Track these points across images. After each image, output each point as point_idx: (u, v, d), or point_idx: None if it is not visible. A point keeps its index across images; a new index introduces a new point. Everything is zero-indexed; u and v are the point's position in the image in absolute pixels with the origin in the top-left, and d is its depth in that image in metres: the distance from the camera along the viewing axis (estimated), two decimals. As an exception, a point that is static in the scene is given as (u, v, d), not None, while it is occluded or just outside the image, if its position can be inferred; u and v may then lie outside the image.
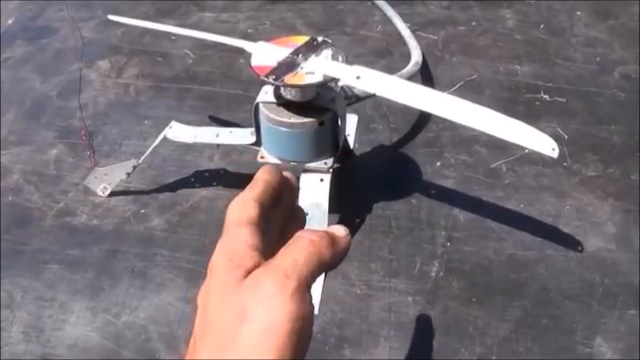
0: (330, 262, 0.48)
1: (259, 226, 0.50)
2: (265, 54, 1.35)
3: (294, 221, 0.60)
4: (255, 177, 0.55)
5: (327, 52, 1.35)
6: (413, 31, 2.19)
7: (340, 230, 0.51)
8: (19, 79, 2.24)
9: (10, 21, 2.60)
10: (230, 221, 0.50)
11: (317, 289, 1.33)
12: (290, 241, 0.48)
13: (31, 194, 1.77)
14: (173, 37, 1.90)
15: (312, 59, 1.32)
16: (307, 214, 1.31)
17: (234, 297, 0.44)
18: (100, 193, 1.72)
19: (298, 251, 0.46)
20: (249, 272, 0.45)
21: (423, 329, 1.40)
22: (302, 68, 1.30)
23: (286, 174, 0.58)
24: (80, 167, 1.84)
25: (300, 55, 1.33)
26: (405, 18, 2.28)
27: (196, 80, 2.14)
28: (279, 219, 0.56)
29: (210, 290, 0.46)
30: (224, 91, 2.06)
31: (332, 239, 0.49)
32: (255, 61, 1.33)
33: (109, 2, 2.68)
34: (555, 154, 1.18)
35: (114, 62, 2.27)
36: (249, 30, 2.38)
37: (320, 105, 1.40)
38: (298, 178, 1.45)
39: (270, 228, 0.53)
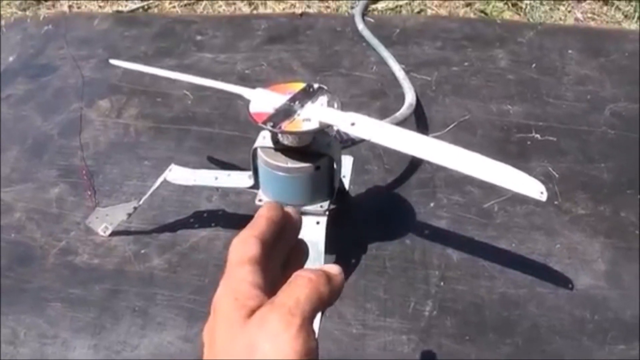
0: (328, 299, 0.50)
1: (260, 264, 0.51)
2: (263, 101, 1.38)
3: (297, 254, 0.61)
4: (257, 214, 0.56)
5: (323, 99, 1.38)
6: (407, 72, 2.21)
7: (334, 269, 0.52)
8: (20, 116, 2.26)
9: (11, 58, 2.63)
10: (232, 260, 0.51)
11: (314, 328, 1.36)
12: (290, 280, 0.49)
13: (33, 232, 1.79)
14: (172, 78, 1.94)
15: (309, 105, 1.35)
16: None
17: (241, 334, 0.45)
18: (101, 233, 1.75)
19: (299, 289, 0.47)
20: (253, 311, 0.46)
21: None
22: (298, 115, 1.33)
23: (288, 209, 0.59)
24: (82, 206, 1.86)
25: (297, 102, 1.36)
26: (399, 59, 2.31)
27: (195, 121, 2.16)
28: (282, 254, 0.57)
29: (217, 328, 0.47)
30: (222, 132, 2.09)
31: (328, 277, 0.50)
32: (253, 108, 1.37)
33: (109, 40, 2.71)
34: (543, 197, 1.21)
35: (114, 101, 2.29)
36: (247, 71, 2.41)
37: (316, 150, 1.43)
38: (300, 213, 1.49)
39: (273, 263, 0.54)
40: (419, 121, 2.08)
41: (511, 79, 2.32)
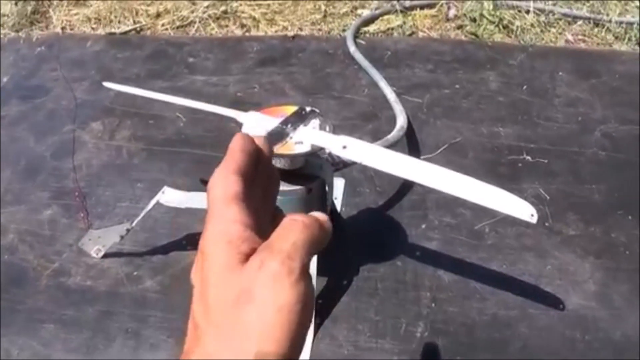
0: (321, 244, 0.49)
1: (245, 201, 0.49)
2: (255, 124, 1.39)
3: (273, 182, 0.61)
4: (231, 147, 0.54)
5: (314, 122, 1.39)
6: (399, 94, 2.23)
7: (322, 215, 0.51)
8: (14, 138, 2.27)
9: (4, 79, 2.64)
10: (216, 197, 0.49)
11: (305, 349, 1.37)
12: (284, 224, 0.47)
13: (26, 254, 1.80)
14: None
15: (301, 128, 1.36)
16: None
17: (237, 279, 0.44)
18: (94, 255, 1.75)
19: (296, 234, 0.46)
20: (248, 255, 0.45)
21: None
22: (291, 138, 1.34)
23: (258, 139, 0.57)
24: (74, 228, 1.87)
25: (289, 125, 1.37)
26: (391, 82, 2.32)
27: (188, 143, 2.17)
28: (261, 185, 0.56)
29: (209, 273, 0.45)
30: (215, 155, 2.09)
31: (320, 223, 0.49)
32: (245, 131, 1.38)
33: (102, 62, 2.72)
34: (534, 219, 1.22)
35: (107, 123, 2.30)
36: (239, 94, 2.42)
37: (308, 172, 1.44)
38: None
39: (254, 197, 0.52)
40: (411, 144, 2.09)
41: (502, 101, 2.34)
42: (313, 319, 1.46)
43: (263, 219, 0.53)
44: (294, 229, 0.47)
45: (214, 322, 0.44)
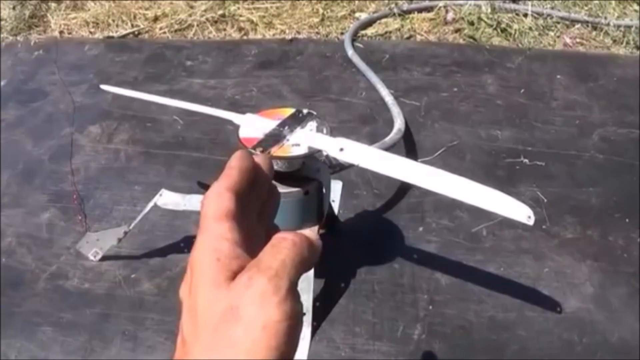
0: (310, 263, 0.49)
1: (237, 219, 0.49)
2: (252, 126, 1.39)
3: (271, 199, 0.60)
4: (228, 164, 0.54)
5: (312, 124, 1.39)
6: (396, 97, 2.24)
7: (312, 234, 0.51)
8: (11, 141, 2.27)
9: (2, 83, 2.64)
10: (208, 214, 0.49)
11: (303, 351, 1.37)
12: (274, 242, 0.48)
13: (24, 257, 1.79)
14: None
15: (298, 131, 1.36)
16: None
17: (225, 296, 0.44)
18: (91, 257, 1.75)
19: (285, 252, 0.46)
20: (236, 272, 0.45)
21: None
22: (288, 140, 1.34)
23: (257, 158, 0.56)
24: (72, 230, 1.87)
25: (286, 128, 1.37)
26: (388, 84, 2.33)
27: (185, 146, 2.17)
28: (256, 204, 0.56)
29: (198, 289, 0.46)
30: (212, 157, 2.10)
31: (309, 241, 0.49)
32: (243, 133, 1.37)
33: (100, 66, 2.73)
34: (531, 221, 1.21)
35: (105, 127, 2.30)
36: (237, 97, 2.43)
37: (305, 175, 1.44)
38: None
39: (248, 216, 0.52)
40: (408, 146, 2.09)
41: (500, 104, 2.34)
42: (311, 329, 1.46)
43: (256, 237, 0.53)
44: (283, 247, 0.47)
45: (201, 339, 0.44)
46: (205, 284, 0.45)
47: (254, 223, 0.54)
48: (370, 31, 2.88)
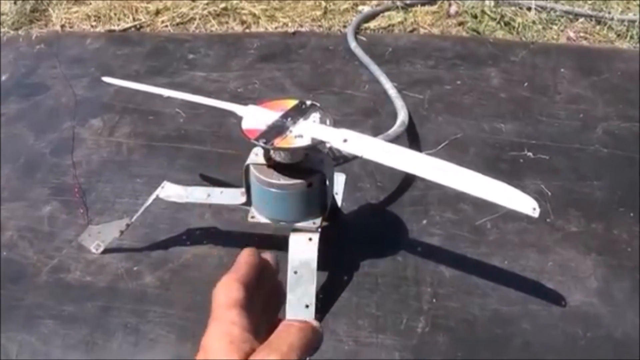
0: (314, 346, 0.52)
1: (245, 308, 0.53)
2: (255, 118, 1.38)
3: (276, 296, 0.64)
4: (238, 260, 0.58)
5: (315, 116, 1.38)
6: (399, 90, 2.23)
7: (315, 322, 0.55)
8: (13, 135, 2.26)
9: (4, 77, 2.63)
10: (219, 302, 0.53)
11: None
12: (282, 327, 0.52)
13: (25, 250, 1.79)
14: (165, 96, 1.93)
15: (301, 122, 1.36)
16: (296, 273, 1.35)
17: None
18: (93, 250, 1.74)
19: (292, 336, 0.50)
20: (248, 353, 0.48)
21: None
22: (291, 131, 1.33)
23: (265, 255, 0.61)
24: (74, 224, 1.86)
25: (289, 119, 1.36)
26: (392, 77, 2.32)
27: (187, 139, 2.16)
28: (262, 297, 0.59)
29: None
30: (214, 150, 2.09)
31: (313, 328, 0.53)
32: (245, 124, 1.37)
33: (102, 59, 2.72)
34: (536, 213, 1.21)
35: (107, 120, 2.29)
36: (239, 90, 2.42)
37: (308, 167, 1.43)
38: (286, 238, 1.48)
39: (254, 307, 0.55)
40: (412, 139, 2.08)
41: (503, 98, 2.33)
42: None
43: (261, 326, 0.56)
44: (290, 332, 0.51)
45: None
46: None
47: (260, 313, 0.57)
48: (373, 24, 2.87)
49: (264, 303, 0.59)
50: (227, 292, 0.54)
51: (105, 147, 2.16)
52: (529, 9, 2.89)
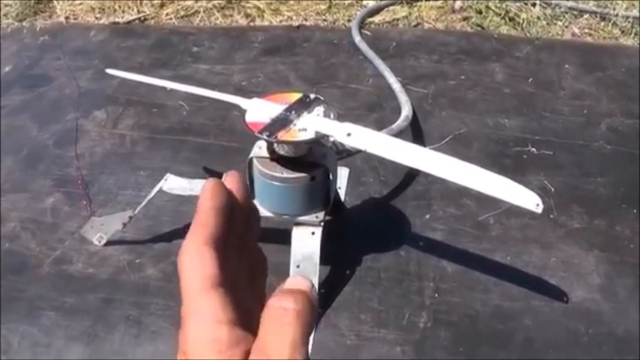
0: (313, 323, 0.41)
1: (226, 282, 0.41)
2: (259, 111, 1.38)
3: (252, 221, 0.51)
4: (199, 206, 0.45)
5: (319, 109, 1.38)
6: (404, 85, 2.23)
7: (305, 284, 0.42)
8: (16, 126, 2.26)
9: (7, 68, 2.63)
10: (190, 286, 0.41)
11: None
12: (274, 315, 0.40)
13: (28, 242, 1.79)
14: (168, 88, 1.92)
15: (305, 116, 1.35)
16: (298, 267, 1.34)
17: None
18: (96, 242, 1.75)
19: (292, 330, 0.39)
20: (244, 358, 0.39)
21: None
22: (294, 125, 1.33)
23: (231, 180, 0.48)
24: (76, 215, 1.86)
25: (293, 112, 1.36)
26: (396, 72, 2.32)
27: (191, 131, 2.17)
28: (238, 233, 0.47)
29: None
30: (218, 143, 2.09)
31: (309, 299, 0.41)
32: (249, 117, 1.37)
33: (106, 51, 2.72)
34: (539, 209, 1.21)
35: (110, 112, 2.29)
36: (243, 83, 2.42)
37: (312, 160, 1.43)
38: (289, 231, 1.48)
39: (230, 261, 0.44)
40: (415, 134, 2.08)
41: (508, 93, 2.33)
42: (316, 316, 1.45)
43: (243, 281, 0.46)
44: (288, 323, 0.40)
45: None
46: None
47: (236, 267, 0.46)
48: (377, 19, 2.87)
49: (241, 244, 0.48)
50: (199, 266, 0.41)
51: (109, 139, 2.16)
52: (534, 4, 2.89)
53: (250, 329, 0.41)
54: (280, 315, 0.40)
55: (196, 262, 0.41)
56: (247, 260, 0.48)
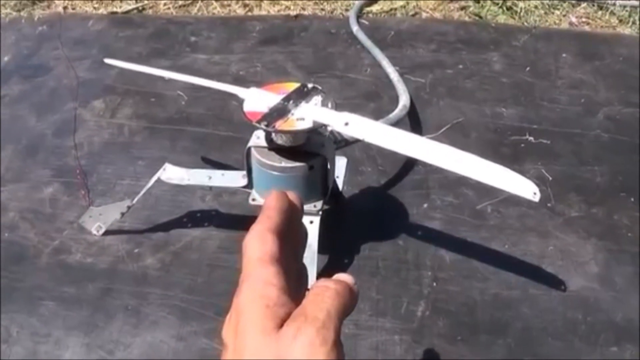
0: (351, 310, 0.50)
1: (281, 262, 0.50)
2: (257, 100, 1.38)
3: (303, 242, 0.62)
4: (266, 205, 0.56)
5: (317, 99, 1.38)
6: (401, 74, 2.22)
7: (351, 280, 0.53)
8: (15, 116, 2.26)
9: (6, 58, 2.62)
10: (252, 258, 0.50)
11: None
12: (317, 290, 0.49)
13: (27, 232, 1.79)
14: (166, 78, 1.93)
15: (303, 105, 1.36)
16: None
17: (274, 345, 0.45)
18: (94, 232, 1.75)
19: (329, 302, 0.47)
20: (283, 320, 0.46)
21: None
22: (292, 114, 1.33)
23: (291, 195, 0.59)
24: (75, 205, 1.86)
25: (291, 102, 1.36)
26: (393, 61, 2.32)
27: (189, 121, 2.16)
28: (293, 246, 0.56)
29: (246, 335, 0.46)
30: (216, 133, 2.09)
31: (350, 289, 0.51)
32: (247, 107, 1.37)
33: (104, 41, 2.71)
34: (536, 198, 1.21)
35: (109, 102, 2.29)
36: (241, 73, 2.41)
37: (310, 149, 1.43)
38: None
39: (288, 259, 0.53)
40: (413, 123, 2.08)
41: (505, 82, 2.33)
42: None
43: (292, 279, 0.53)
44: (327, 296, 0.48)
45: None
46: (254, 331, 0.46)
47: (290, 262, 0.54)
48: (375, 8, 2.86)
49: (294, 252, 0.57)
50: (261, 244, 0.51)
51: (107, 129, 2.16)
52: (532, -7, 2.89)
53: (293, 300, 0.49)
54: (322, 290, 0.49)
55: (259, 241, 0.51)
56: (296, 272, 0.56)
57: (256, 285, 0.48)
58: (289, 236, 0.55)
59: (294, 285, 0.52)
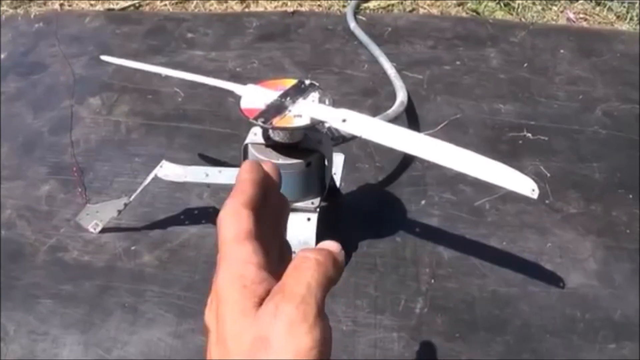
0: (336, 280, 0.46)
1: (257, 238, 0.47)
2: (254, 97, 1.38)
3: (282, 213, 0.58)
4: (239, 178, 0.51)
5: (314, 95, 1.38)
6: (399, 70, 2.22)
7: (334, 246, 0.48)
8: (11, 114, 2.25)
9: (3, 56, 2.62)
10: (227, 236, 0.47)
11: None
12: (296, 262, 0.46)
13: (24, 229, 1.78)
14: (163, 75, 1.92)
15: (300, 102, 1.35)
16: (294, 253, 1.34)
17: (254, 325, 0.43)
18: (91, 230, 1.74)
19: (309, 274, 0.44)
20: (263, 297, 0.44)
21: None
22: (290, 111, 1.33)
23: (266, 166, 0.54)
24: (72, 203, 1.85)
25: (288, 98, 1.36)
26: (391, 57, 2.31)
27: (186, 118, 2.16)
28: (270, 218, 0.53)
29: (226, 317, 0.44)
30: (213, 129, 2.09)
31: (333, 256, 0.47)
32: (244, 104, 1.37)
33: (101, 38, 2.71)
34: (535, 194, 1.21)
35: (105, 99, 2.28)
36: (238, 69, 2.41)
37: (307, 146, 1.43)
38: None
39: (264, 230, 0.50)
40: (411, 119, 2.08)
41: (503, 78, 2.33)
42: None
43: (273, 254, 0.51)
44: (307, 268, 0.45)
45: None
46: (233, 312, 0.44)
47: (270, 238, 0.52)
48: (372, 4, 2.86)
49: (273, 225, 0.54)
50: (235, 221, 0.48)
51: (104, 126, 2.15)
52: (529, -11, 2.89)
53: (274, 277, 0.46)
54: (301, 261, 0.46)
55: (233, 218, 0.48)
56: (278, 247, 0.54)
57: (233, 266, 0.46)
58: (266, 209, 0.52)
59: (276, 261, 0.51)
